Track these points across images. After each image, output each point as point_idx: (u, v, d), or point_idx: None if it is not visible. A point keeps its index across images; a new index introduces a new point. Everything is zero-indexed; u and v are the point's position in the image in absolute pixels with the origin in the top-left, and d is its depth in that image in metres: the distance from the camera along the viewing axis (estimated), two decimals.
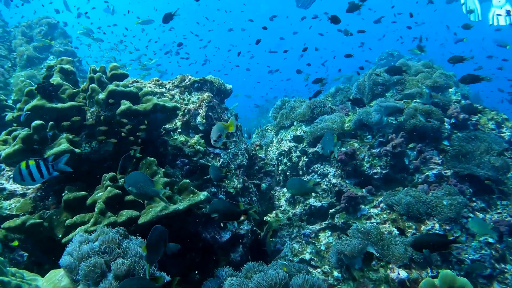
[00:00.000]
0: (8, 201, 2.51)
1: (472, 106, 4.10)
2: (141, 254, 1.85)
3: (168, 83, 3.48)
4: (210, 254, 3.09)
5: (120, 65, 7.82)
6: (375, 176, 3.82)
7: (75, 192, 2.32)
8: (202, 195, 2.49)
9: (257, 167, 3.86)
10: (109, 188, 2.28)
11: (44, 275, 1.89)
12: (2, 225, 2.12)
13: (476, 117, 4.19)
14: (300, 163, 4.37)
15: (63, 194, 2.32)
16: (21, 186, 2.63)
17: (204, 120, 3.19)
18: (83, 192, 2.34)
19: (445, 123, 3.99)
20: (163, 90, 3.37)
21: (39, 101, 2.48)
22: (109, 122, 2.60)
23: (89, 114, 2.58)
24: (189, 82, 3.43)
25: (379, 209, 3.48)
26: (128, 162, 2.34)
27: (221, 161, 3.23)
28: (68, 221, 2.20)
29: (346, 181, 3.86)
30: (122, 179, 2.43)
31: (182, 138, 3.09)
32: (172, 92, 3.41)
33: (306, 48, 4.81)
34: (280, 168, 4.73)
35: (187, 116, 3.23)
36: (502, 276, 2.98)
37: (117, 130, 2.61)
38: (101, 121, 2.56)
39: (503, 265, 2.97)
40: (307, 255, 3.45)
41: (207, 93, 3.28)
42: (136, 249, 1.85)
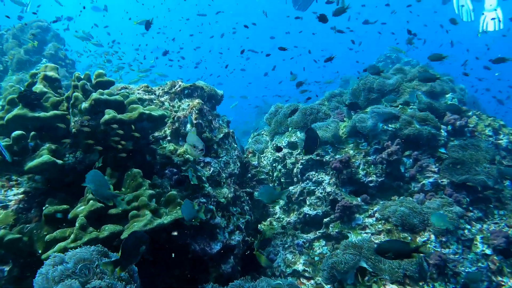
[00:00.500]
0: None
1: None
2: (121, 274, 1.76)
3: (158, 89, 3.40)
4: (200, 266, 3.01)
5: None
6: (371, 184, 3.74)
7: (56, 206, 2.23)
8: None
9: (250, 174, 3.77)
10: (91, 201, 2.19)
11: None
12: None
13: (473, 124, 4.12)
14: (295, 170, 4.28)
15: (44, 207, 2.23)
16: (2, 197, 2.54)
17: (193, 128, 3.10)
18: (65, 206, 2.25)
19: (441, 130, 3.91)
20: (153, 96, 3.28)
21: (20, 110, 2.39)
22: (94, 131, 2.52)
23: (73, 124, 2.49)
24: (179, 88, 3.35)
25: (374, 218, 3.40)
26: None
27: (211, 170, 3.14)
28: (47, 237, 2.11)
29: (341, 189, 3.78)
30: None
31: (171, 146, 3.00)
32: (162, 99, 3.32)
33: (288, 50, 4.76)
34: (275, 174, 4.65)
35: (176, 124, 3.15)
36: None
37: (102, 139, 2.53)
38: (85, 131, 2.47)
39: (500, 278, 2.89)
40: (300, 266, 3.36)
41: (197, 100, 3.20)
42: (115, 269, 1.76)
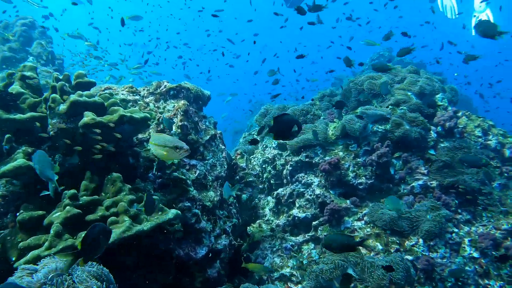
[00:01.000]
0: None
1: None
2: (97, 285, 1.69)
3: (143, 90, 3.31)
4: (185, 270, 2.95)
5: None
6: (360, 187, 3.70)
7: (31, 212, 2.15)
8: (171, 213, 2.33)
9: (237, 177, 3.71)
10: (67, 207, 2.11)
11: None
12: None
13: (462, 125, 4.10)
14: (284, 171, 4.23)
15: (17, 213, 2.15)
16: None
17: (179, 130, 3.03)
18: (40, 212, 2.17)
19: (431, 132, 3.89)
20: (137, 97, 3.20)
21: None
22: (73, 134, 2.44)
23: (50, 126, 2.41)
24: (164, 89, 3.27)
25: (363, 222, 3.36)
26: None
27: (197, 173, 3.08)
28: (21, 244, 2.03)
29: (330, 192, 3.74)
30: (84, 197, 2.27)
31: None
32: (147, 100, 3.24)
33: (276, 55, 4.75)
34: (265, 176, 4.59)
35: (161, 126, 3.07)
36: None
37: (81, 142, 2.44)
38: (63, 134, 2.39)
39: (486, 281, 2.87)
40: (287, 270, 3.32)
41: (183, 101, 3.12)
42: (89, 281, 1.69)
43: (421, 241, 2.98)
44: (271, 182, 4.46)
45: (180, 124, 3.04)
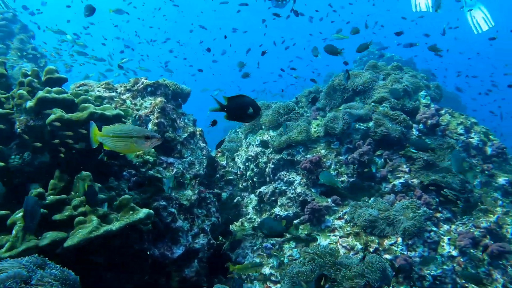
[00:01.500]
0: None
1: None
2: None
3: (120, 86, 3.24)
4: (161, 270, 2.90)
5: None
6: (342, 185, 3.68)
7: None
8: (142, 212, 2.28)
9: (218, 175, 3.66)
10: None
11: None
12: None
13: (445, 122, 4.10)
14: (267, 169, 4.19)
15: None
16: None
17: (155, 128, 2.97)
18: (4, 211, 2.09)
19: (413, 129, 3.88)
20: (113, 94, 3.12)
21: None
22: (41, 132, 2.36)
23: (18, 124, 2.33)
24: (141, 86, 3.20)
25: (343, 221, 3.34)
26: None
27: (174, 171, 3.02)
28: None
29: (312, 190, 3.71)
30: (51, 196, 2.20)
31: None
32: (124, 97, 3.17)
33: (264, 52, 4.71)
34: (248, 174, 4.55)
35: (138, 123, 3.01)
36: None
37: (50, 140, 2.37)
38: (31, 131, 2.31)
39: (463, 280, 2.87)
40: (267, 270, 3.28)
41: (160, 98, 3.06)
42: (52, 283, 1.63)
43: (400, 239, 2.97)
44: (254, 180, 4.42)
45: (156, 121, 2.98)
